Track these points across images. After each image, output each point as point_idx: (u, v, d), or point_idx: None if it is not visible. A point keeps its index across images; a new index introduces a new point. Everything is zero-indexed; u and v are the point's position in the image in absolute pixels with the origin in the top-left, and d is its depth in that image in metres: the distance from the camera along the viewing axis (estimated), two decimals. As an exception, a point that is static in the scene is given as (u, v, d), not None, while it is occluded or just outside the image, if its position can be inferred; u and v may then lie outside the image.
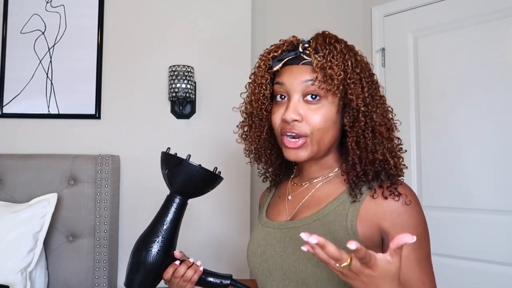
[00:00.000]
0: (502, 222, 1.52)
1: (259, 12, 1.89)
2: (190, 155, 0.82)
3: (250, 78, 0.88)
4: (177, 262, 0.85)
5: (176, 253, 0.86)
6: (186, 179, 0.82)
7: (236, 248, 1.66)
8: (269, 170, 0.97)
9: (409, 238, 0.52)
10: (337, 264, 0.55)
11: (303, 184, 0.87)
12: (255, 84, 0.85)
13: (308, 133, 0.77)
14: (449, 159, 1.66)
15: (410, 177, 1.75)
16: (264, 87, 0.83)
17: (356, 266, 0.54)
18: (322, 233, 0.75)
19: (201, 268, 0.86)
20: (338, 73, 0.74)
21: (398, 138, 0.81)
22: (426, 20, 1.76)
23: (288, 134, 0.78)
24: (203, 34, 1.73)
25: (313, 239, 0.52)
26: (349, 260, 0.54)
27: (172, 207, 0.84)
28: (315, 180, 0.85)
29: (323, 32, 0.81)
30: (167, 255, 0.83)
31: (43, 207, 1.44)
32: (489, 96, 1.57)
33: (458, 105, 1.65)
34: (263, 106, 0.85)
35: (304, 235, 0.52)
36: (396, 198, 0.73)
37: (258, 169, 0.99)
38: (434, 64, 1.73)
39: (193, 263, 0.86)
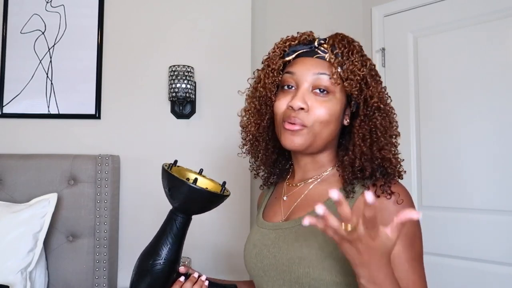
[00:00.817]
0: (502, 222, 1.52)
1: (259, 12, 1.89)
2: (196, 179, 0.78)
3: (262, 63, 0.88)
4: (182, 279, 0.85)
5: (181, 269, 0.85)
6: (191, 201, 0.79)
7: (236, 249, 1.66)
8: (261, 167, 0.97)
9: (415, 214, 0.52)
10: (344, 227, 0.55)
11: (298, 184, 0.88)
12: (269, 69, 0.85)
13: (309, 125, 0.78)
14: (449, 159, 1.66)
15: (410, 177, 1.75)
16: (275, 74, 0.84)
17: (360, 230, 0.55)
18: (315, 234, 0.75)
19: (206, 283, 0.86)
20: (361, 70, 0.76)
21: (398, 145, 0.82)
22: (426, 20, 1.76)
23: (290, 122, 0.79)
24: (203, 34, 1.73)
25: (320, 209, 0.53)
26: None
27: (175, 226, 0.81)
28: (309, 180, 0.86)
29: (340, 33, 0.82)
30: (172, 272, 0.82)
31: (43, 207, 1.44)
32: (489, 96, 1.57)
33: (458, 105, 1.65)
34: (270, 93, 0.85)
35: (307, 219, 0.54)
36: (388, 197, 0.74)
37: (249, 162, 0.98)
38: (434, 64, 1.73)
39: (198, 276, 0.86)
